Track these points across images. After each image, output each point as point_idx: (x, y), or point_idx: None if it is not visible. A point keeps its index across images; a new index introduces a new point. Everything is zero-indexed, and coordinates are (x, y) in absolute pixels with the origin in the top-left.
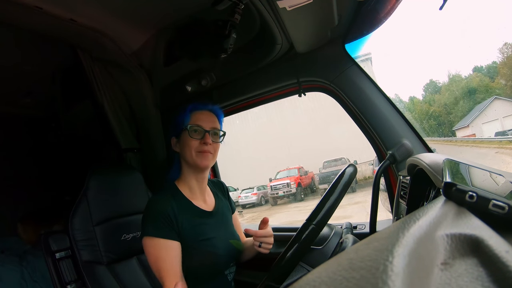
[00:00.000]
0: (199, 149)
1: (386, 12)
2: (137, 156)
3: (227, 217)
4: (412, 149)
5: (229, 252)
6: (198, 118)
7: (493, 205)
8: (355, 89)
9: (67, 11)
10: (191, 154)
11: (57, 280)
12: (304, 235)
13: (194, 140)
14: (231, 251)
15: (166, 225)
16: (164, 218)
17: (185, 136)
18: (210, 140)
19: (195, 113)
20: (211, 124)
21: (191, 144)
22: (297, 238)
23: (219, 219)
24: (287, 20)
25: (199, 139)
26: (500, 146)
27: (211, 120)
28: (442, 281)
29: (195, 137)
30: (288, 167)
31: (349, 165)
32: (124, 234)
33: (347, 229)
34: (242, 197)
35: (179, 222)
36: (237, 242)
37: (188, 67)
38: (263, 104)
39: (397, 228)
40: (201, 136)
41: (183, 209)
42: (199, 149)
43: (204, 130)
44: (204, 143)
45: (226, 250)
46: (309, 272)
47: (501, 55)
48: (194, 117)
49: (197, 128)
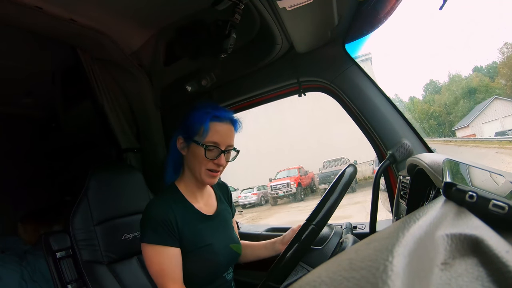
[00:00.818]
0: (211, 168)
1: (386, 12)
2: (137, 156)
3: (227, 221)
4: (412, 149)
5: (229, 257)
6: (217, 132)
7: (493, 205)
8: (355, 89)
9: (67, 11)
10: (200, 171)
11: (57, 280)
12: (304, 235)
13: (207, 160)
14: (230, 256)
15: (167, 231)
16: (165, 224)
17: (198, 150)
18: (224, 161)
19: (216, 124)
20: (229, 141)
21: (203, 162)
22: (297, 238)
23: (219, 223)
24: (287, 20)
25: (213, 159)
26: (500, 146)
27: (230, 135)
28: (442, 281)
29: (210, 157)
30: (288, 167)
31: (349, 165)
32: (124, 234)
33: (347, 229)
34: (242, 197)
35: (180, 229)
36: (237, 246)
37: (188, 67)
38: (263, 104)
39: (397, 228)
40: (216, 155)
41: (184, 214)
42: (211, 168)
43: (221, 151)
44: (218, 164)
45: (225, 256)
46: (309, 272)
47: (501, 55)
48: (213, 129)
49: (214, 148)
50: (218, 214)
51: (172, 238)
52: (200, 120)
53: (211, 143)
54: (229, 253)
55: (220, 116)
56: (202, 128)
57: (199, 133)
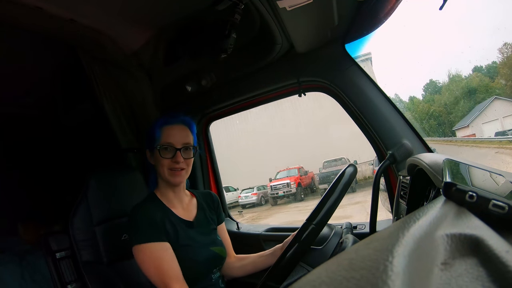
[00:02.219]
0: (170, 167)
1: (386, 12)
2: (137, 156)
3: (208, 228)
4: (412, 149)
5: (210, 260)
6: (169, 134)
7: (493, 205)
8: (355, 89)
9: (67, 11)
10: (164, 172)
11: (57, 280)
12: (304, 235)
13: (165, 159)
14: (211, 257)
15: (155, 229)
16: (152, 222)
17: (157, 154)
18: (182, 158)
19: (166, 128)
20: (183, 140)
21: (163, 163)
22: (297, 238)
23: (198, 228)
24: (287, 20)
25: (170, 158)
26: (500, 146)
27: (183, 135)
28: (442, 281)
29: (166, 156)
30: (288, 167)
31: (349, 165)
32: (124, 234)
33: (347, 229)
34: (242, 197)
35: (165, 227)
36: (220, 248)
37: (188, 67)
38: (263, 104)
39: (397, 228)
40: (172, 154)
41: (165, 215)
42: (171, 166)
43: (175, 148)
44: (176, 161)
45: (205, 257)
46: (309, 272)
47: (501, 55)
48: (165, 132)
49: (168, 146)
50: (197, 221)
51: (162, 234)
52: (154, 129)
53: (165, 143)
54: (209, 254)
55: (169, 120)
56: (155, 135)
57: (154, 140)
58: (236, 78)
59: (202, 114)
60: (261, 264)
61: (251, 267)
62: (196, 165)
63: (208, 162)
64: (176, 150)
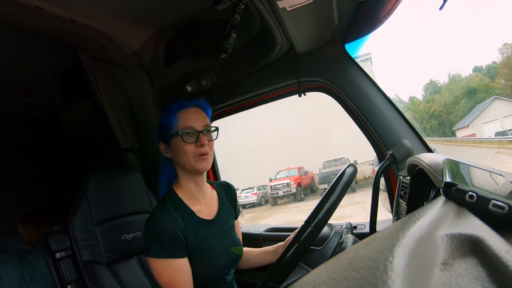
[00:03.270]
0: (196, 153)
1: (386, 12)
2: (137, 156)
3: (228, 224)
4: (412, 149)
5: (230, 260)
6: (188, 119)
7: (493, 205)
8: (355, 89)
9: (67, 11)
10: (189, 160)
11: (57, 280)
12: (304, 235)
13: (189, 145)
14: (232, 259)
15: (173, 243)
16: (170, 237)
17: (177, 141)
18: (206, 141)
19: (182, 112)
20: (203, 122)
21: (186, 149)
22: (297, 238)
23: (220, 227)
24: (287, 20)
25: (193, 142)
26: (500, 146)
27: (201, 117)
28: (442, 281)
29: (189, 141)
30: (288, 167)
31: (349, 165)
32: (124, 234)
33: (347, 229)
34: (242, 197)
35: (185, 236)
36: (238, 248)
37: (188, 67)
38: (263, 104)
39: (397, 228)
40: (195, 138)
41: (186, 221)
42: (197, 152)
43: (198, 131)
44: (201, 145)
45: (227, 259)
46: (309, 272)
47: (501, 55)
48: (182, 117)
49: (190, 131)
50: (219, 217)
51: (179, 249)
52: (167, 118)
53: (186, 127)
54: (230, 256)
55: (184, 104)
56: (171, 122)
57: (172, 128)
58: (236, 78)
59: None
60: (264, 260)
61: (255, 262)
62: None
63: None
64: (198, 133)
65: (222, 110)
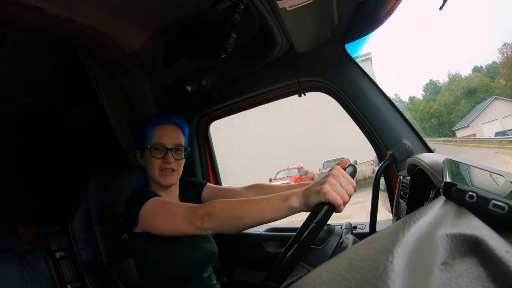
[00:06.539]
0: (161, 167)
1: (386, 12)
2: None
3: None
4: (412, 149)
5: (203, 257)
6: (161, 135)
7: (493, 205)
8: (355, 89)
9: (67, 11)
10: (155, 173)
11: (57, 280)
12: (304, 235)
13: (157, 160)
14: (205, 255)
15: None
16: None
17: (148, 154)
18: (173, 159)
19: (158, 128)
20: (174, 140)
21: (154, 163)
22: (297, 237)
23: None
24: (287, 20)
25: (161, 158)
26: (500, 146)
27: (175, 135)
28: (442, 281)
29: (157, 156)
30: (288, 167)
31: (349, 165)
32: (124, 234)
33: (347, 229)
34: None
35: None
36: (210, 245)
37: (188, 67)
38: (263, 104)
39: (397, 228)
40: (163, 155)
41: None
42: (162, 167)
43: (167, 149)
44: (167, 162)
45: (198, 254)
46: (309, 272)
47: (501, 55)
48: (156, 133)
49: (159, 147)
50: None
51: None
52: (145, 129)
53: (157, 144)
54: (203, 252)
55: (161, 120)
56: (147, 135)
57: (146, 140)
58: (236, 78)
59: (202, 114)
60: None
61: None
62: (196, 165)
63: (208, 162)
64: (167, 150)
65: (222, 110)
